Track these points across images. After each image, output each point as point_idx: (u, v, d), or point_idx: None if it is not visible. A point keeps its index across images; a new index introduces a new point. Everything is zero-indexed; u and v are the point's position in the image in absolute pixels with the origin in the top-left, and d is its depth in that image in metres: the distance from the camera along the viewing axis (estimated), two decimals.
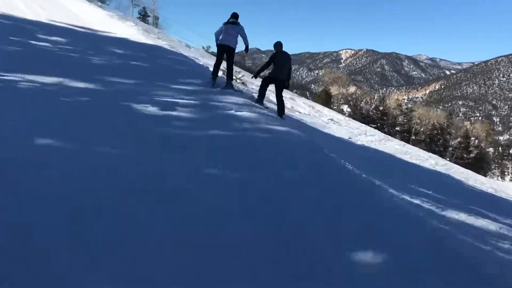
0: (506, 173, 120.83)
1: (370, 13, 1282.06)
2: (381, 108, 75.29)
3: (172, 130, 5.00)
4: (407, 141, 74.79)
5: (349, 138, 12.74)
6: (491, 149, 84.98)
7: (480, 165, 78.55)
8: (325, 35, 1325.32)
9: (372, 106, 77.18)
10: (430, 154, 21.80)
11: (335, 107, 75.42)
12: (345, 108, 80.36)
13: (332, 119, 15.76)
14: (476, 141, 78.31)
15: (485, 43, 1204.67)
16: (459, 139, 79.23)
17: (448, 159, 76.19)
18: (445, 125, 76.52)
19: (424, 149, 70.04)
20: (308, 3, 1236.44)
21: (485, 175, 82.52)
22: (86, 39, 10.70)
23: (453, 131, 78.74)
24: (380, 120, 75.03)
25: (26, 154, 3.59)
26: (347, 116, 65.10)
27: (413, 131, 74.97)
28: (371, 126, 69.51)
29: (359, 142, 12.73)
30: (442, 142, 76.97)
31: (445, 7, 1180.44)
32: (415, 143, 75.31)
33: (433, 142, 75.90)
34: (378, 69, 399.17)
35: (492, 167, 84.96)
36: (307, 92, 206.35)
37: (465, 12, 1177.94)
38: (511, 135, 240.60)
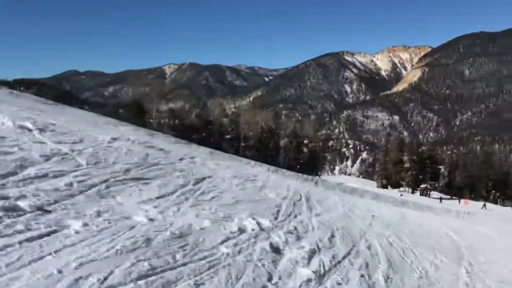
0: (331, 166, 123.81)
1: (189, 26, 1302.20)
2: (204, 116, 66.18)
3: None
4: (237, 149, 67.21)
5: None
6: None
7: (313, 163, 75.18)
8: (147, 51, 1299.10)
9: (193, 115, 67.73)
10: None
11: (151, 119, 63.96)
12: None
13: None
14: (306, 140, 74.71)
15: (295, 49, 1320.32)
16: (287, 139, 74.75)
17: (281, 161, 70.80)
18: (273, 126, 70.99)
19: (256, 156, 62.84)
20: (126, 18, 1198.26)
21: (317, 173, 79.84)
22: None
23: (282, 132, 73.96)
24: (205, 129, 65.70)
25: None
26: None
27: (241, 137, 67.50)
28: (195, 137, 59.63)
29: None
30: (273, 145, 71.35)
31: (252, 20, 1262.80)
32: (246, 150, 68.19)
33: (264, 146, 69.57)
34: (203, 82, 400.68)
35: (323, 163, 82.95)
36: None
37: (274, 22, 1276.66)
38: (327, 130, 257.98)
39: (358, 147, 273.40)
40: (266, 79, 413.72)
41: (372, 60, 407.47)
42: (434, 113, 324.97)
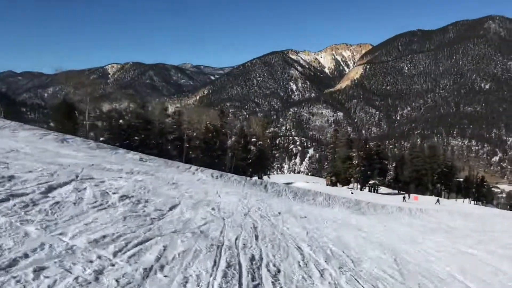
0: (279, 164, 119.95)
1: (131, 25, 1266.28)
2: (143, 116, 60.01)
3: None
4: (181, 150, 62.01)
5: None
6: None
7: (262, 162, 70.95)
8: (89, 50, 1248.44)
9: (131, 115, 61.42)
10: None
11: (84, 121, 57.24)
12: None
13: None
14: (254, 138, 70.33)
15: (241, 48, 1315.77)
16: (234, 138, 70.04)
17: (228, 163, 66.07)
18: (219, 125, 65.97)
19: (201, 158, 57.76)
20: (67, 17, 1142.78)
21: (267, 173, 75.70)
22: None
23: (229, 131, 69.07)
24: (145, 130, 59.52)
25: None
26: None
27: (185, 138, 61.90)
28: (135, 138, 53.80)
29: None
30: (219, 145, 66.29)
31: (196, 19, 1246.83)
32: (191, 151, 62.89)
33: (210, 147, 64.40)
34: (148, 81, 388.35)
35: (271, 162, 78.88)
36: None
37: (219, 20, 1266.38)
38: (274, 128, 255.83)
39: (305, 144, 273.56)
40: (212, 77, 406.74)
41: (316, 58, 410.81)
42: (376, 108, 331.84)
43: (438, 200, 56.23)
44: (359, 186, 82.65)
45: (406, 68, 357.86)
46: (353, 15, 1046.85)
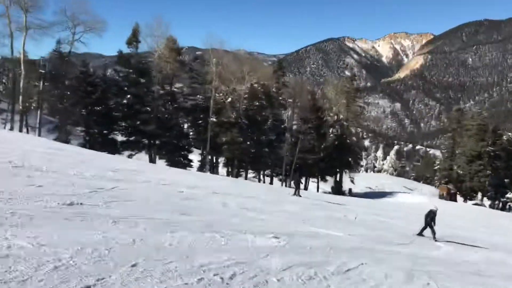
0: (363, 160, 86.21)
1: (187, 10, 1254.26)
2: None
3: None
4: (203, 129, 30.73)
5: None
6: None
7: (345, 159, 38.10)
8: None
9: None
10: None
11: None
12: None
13: None
14: (336, 116, 38.13)
15: (295, 34, 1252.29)
16: (299, 114, 37.90)
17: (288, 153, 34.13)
18: (274, 88, 34.00)
19: (240, 144, 26.45)
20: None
21: (346, 172, 42.43)
22: None
23: (290, 100, 36.81)
24: (133, 86, 28.14)
25: None
26: None
27: (211, 105, 30.07)
28: (110, 104, 23.21)
29: None
30: (272, 123, 34.20)
31: (251, 5, 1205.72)
32: (221, 132, 31.59)
33: (256, 125, 32.34)
34: None
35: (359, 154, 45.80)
36: None
37: (271, 7, 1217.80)
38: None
39: (360, 135, 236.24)
40: (265, 64, 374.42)
41: (373, 47, 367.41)
42: (436, 101, 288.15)
43: None
44: (479, 198, 48.27)
45: (471, 59, 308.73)
46: (414, 3, 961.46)
